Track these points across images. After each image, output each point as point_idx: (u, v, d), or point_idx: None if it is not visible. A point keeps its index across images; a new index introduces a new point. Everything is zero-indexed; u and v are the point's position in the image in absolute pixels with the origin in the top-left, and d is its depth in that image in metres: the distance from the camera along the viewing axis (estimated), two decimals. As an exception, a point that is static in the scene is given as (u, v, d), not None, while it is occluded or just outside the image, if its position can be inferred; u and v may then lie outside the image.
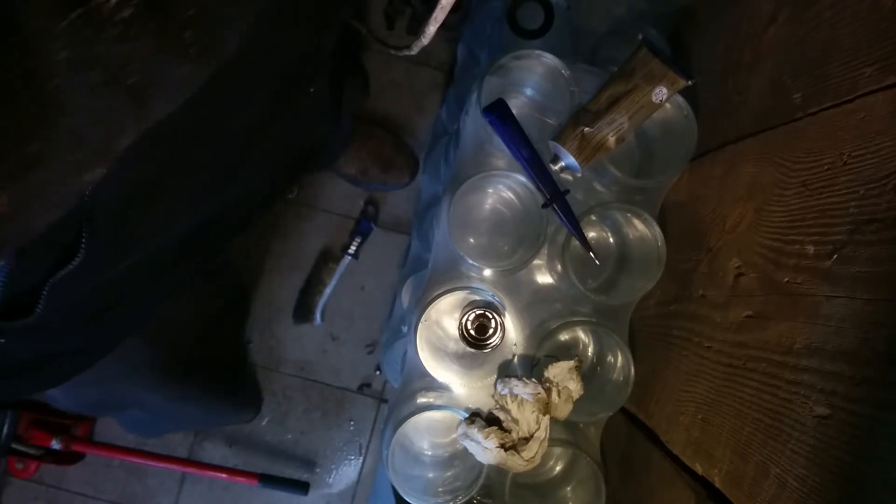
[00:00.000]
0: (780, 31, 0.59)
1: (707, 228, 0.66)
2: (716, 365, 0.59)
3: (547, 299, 0.76)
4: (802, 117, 0.52)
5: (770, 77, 0.59)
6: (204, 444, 1.55)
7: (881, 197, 0.41)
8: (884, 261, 0.40)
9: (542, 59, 0.69)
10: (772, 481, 0.47)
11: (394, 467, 0.72)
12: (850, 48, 0.47)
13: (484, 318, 0.71)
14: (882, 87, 0.43)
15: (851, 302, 0.42)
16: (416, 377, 0.75)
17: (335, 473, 1.56)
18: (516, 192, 0.75)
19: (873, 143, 0.43)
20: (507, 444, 0.68)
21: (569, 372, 0.70)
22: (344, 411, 1.56)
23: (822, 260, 0.46)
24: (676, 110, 0.70)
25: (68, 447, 1.38)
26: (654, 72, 0.64)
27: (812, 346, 0.46)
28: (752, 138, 0.61)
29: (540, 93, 0.77)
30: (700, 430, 0.60)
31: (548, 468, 0.81)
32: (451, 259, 0.74)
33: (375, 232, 1.51)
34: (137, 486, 1.56)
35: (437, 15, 0.42)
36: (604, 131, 0.66)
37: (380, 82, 1.50)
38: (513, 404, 0.69)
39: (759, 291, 0.54)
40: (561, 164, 0.70)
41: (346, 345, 1.55)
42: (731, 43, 0.69)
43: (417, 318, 0.71)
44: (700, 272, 0.66)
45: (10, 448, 1.34)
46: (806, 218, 0.49)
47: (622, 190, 0.73)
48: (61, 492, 1.55)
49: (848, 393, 0.41)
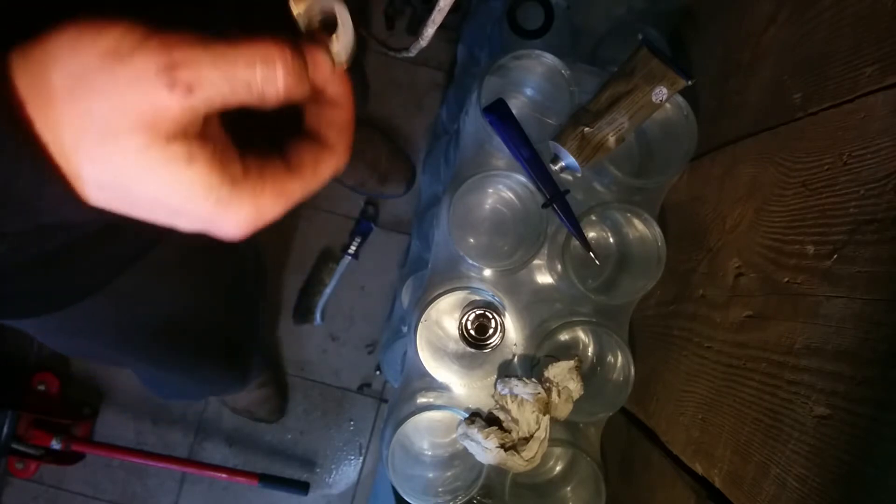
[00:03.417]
0: (780, 31, 0.59)
1: (707, 228, 0.66)
2: (716, 365, 0.59)
3: (547, 299, 0.76)
4: (802, 117, 0.52)
5: (770, 77, 0.59)
6: (204, 444, 1.55)
7: (881, 197, 0.41)
8: (884, 261, 0.40)
9: (542, 59, 0.69)
10: (772, 481, 0.47)
11: (394, 467, 0.72)
12: (850, 48, 0.47)
13: (484, 318, 0.71)
14: (882, 87, 0.43)
15: (851, 302, 0.42)
16: (416, 377, 0.75)
17: (335, 473, 1.56)
18: (516, 192, 0.75)
19: (873, 143, 0.43)
20: (507, 444, 0.68)
21: (569, 372, 0.70)
22: (344, 411, 1.56)
23: (822, 260, 0.46)
24: (676, 110, 0.70)
25: (68, 447, 1.38)
26: (654, 72, 0.64)
27: (812, 346, 0.46)
28: (752, 138, 0.61)
29: (540, 93, 0.77)
30: (700, 429, 0.60)
31: (548, 468, 0.81)
32: (451, 259, 0.74)
33: (375, 232, 1.51)
34: (137, 486, 1.56)
35: (434, 18, 0.41)
36: (604, 131, 0.66)
37: (380, 82, 1.50)
38: (513, 404, 0.69)
39: (759, 291, 0.54)
40: (561, 164, 0.70)
41: (346, 345, 1.55)
42: (731, 43, 0.69)
43: (417, 318, 0.71)
44: (700, 272, 0.66)
45: (10, 448, 1.34)
46: (806, 218, 0.49)
47: (622, 190, 0.73)
48: (61, 492, 1.55)
49: (848, 393, 0.41)
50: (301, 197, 0.32)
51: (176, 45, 0.26)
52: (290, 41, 0.29)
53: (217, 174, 0.28)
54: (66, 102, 0.26)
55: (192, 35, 0.27)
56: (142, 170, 0.27)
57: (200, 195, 0.28)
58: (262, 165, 0.30)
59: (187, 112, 0.27)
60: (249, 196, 0.29)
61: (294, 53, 0.29)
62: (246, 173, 0.30)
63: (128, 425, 1.56)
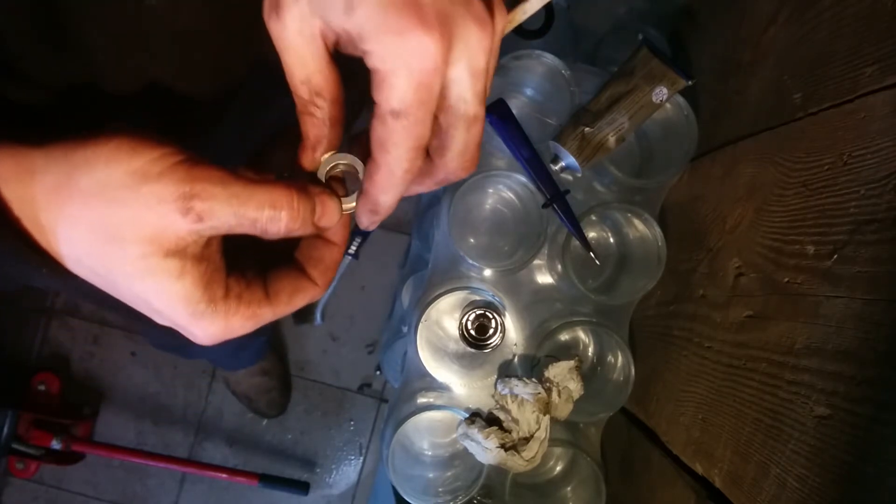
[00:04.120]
0: (780, 31, 0.58)
1: (707, 228, 0.66)
2: (716, 365, 0.59)
3: (547, 299, 0.76)
4: (802, 117, 0.52)
5: (770, 77, 0.59)
6: (204, 444, 1.56)
7: (881, 197, 0.41)
8: (884, 261, 0.40)
9: (542, 59, 0.69)
10: (772, 481, 0.47)
11: (394, 467, 0.72)
12: (850, 48, 0.47)
13: (484, 318, 0.71)
14: (882, 87, 0.43)
15: (851, 302, 0.42)
16: (416, 377, 0.75)
17: (335, 473, 1.56)
18: (516, 192, 0.75)
19: (873, 143, 0.43)
20: (507, 444, 0.68)
21: (569, 372, 0.70)
22: (344, 411, 1.56)
23: (822, 260, 0.46)
24: (676, 110, 0.70)
25: (68, 447, 1.38)
26: (654, 72, 0.64)
27: (812, 346, 0.46)
28: (752, 138, 0.61)
29: (540, 93, 0.77)
30: (700, 429, 0.60)
31: (548, 468, 0.81)
32: (452, 259, 0.74)
33: (375, 232, 1.51)
34: (137, 486, 1.56)
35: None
36: (604, 131, 0.66)
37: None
38: (513, 404, 0.69)
39: (759, 291, 0.54)
40: (561, 164, 0.70)
41: (346, 345, 1.55)
42: (731, 43, 0.69)
43: (417, 318, 0.71)
44: (700, 272, 0.66)
45: (10, 448, 1.34)
46: (806, 218, 0.49)
47: (622, 190, 0.73)
48: (61, 492, 1.55)
49: (848, 393, 0.41)
50: (271, 320, 0.35)
51: (198, 178, 0.29)
52: (301, 189, 0.32)
53: (200, 292, 0.31)
54: (85, 204, 0.29)
55: (213, 170, 0.30)
56: (134, 272, 0.30)
57: (179, 306, 0.31)
58: (243, 289, 0.34)
59: (192, 235, 0.30)
60: (223, 316, 0.32)
61: (302, 201, 0.32)
62: (226, 295, 0.33)
63: (128, 425, 1.57)
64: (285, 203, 0.31)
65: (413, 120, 0.30)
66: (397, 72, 0.29)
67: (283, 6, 0.29)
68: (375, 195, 0.34)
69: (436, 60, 0.29)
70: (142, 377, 1.57)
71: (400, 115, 0.30)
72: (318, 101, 0.32)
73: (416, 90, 0.29)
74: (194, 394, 1.57)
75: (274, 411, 1.53)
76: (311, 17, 0.29)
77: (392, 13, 0.28)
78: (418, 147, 0.31)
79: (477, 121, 0.33)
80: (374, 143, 0.32)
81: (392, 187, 0.33)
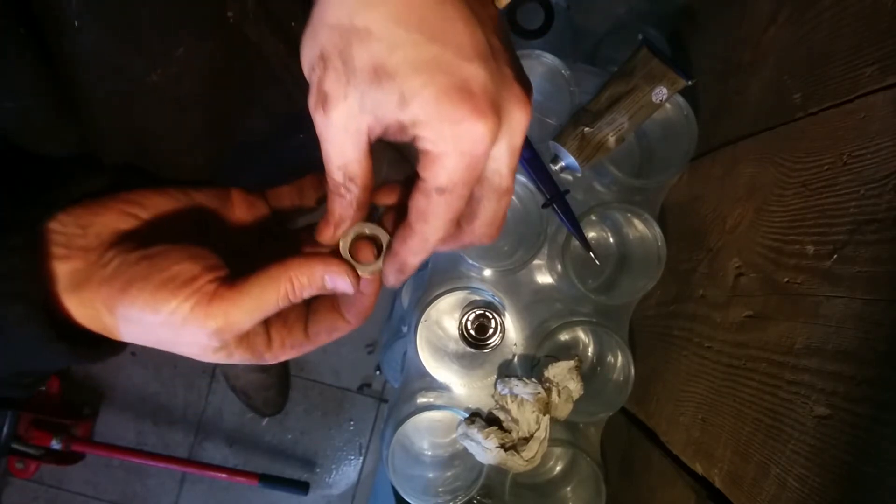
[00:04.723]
0: (780, 31, 0.58)
1: (707, 228, 0.66)
2: (716, 365, 0.59)
3: (547, 299, 0.76)
4: (802, 117, 0.52)
5: (770, 77, 0.59)
6: (204, 444, 1.56)
7: (881, 197, 0.41)
8: (884, 261, 0.40)
9: (542, 59, 0.69)
10: (772, 481, 0.47)
11: (394, 467, 0.72)
12: (850, 48, 0.47)
13: (484, 318, 0.71)
14: (882, 87, 0.43)
15: (851, 302, 0.42)
16: (416, 377, 0.75)
17: (335, 473, 1.56)
18: (516, 192, 0.75)
19: (873, 143, 0.43)
20: (507, 444, 0.68)
21: (569, 372, 0.70)
22: (344, 411, 1.56)
23: (822, 260, 0.46)
24: (676, 110, 0.70)
25: (68, 447, 1.38)
26: (654, 72, 0.64)
27: (812, 346, 0.46)
28: (752, 138, 0.61)
29: (540, 93, 0.77)
30: (700, 430, 0.60)
31: (548, 468, 0.81)
32: (451, 259, 0.74)
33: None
34: (137, 486, 1.56)
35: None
36: (604, 131, 0.66)
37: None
38: (513, 404, 0.69)
39: (759, 291, 0.54)
40: (561, 164, 0.70)
41: (346, 345, 1.55)
42: (731, 43, 0.69)
43: (417, 318, 0.71)
44: (700, 272, 0.66)
45: (10, 448, 1.34)
46: (806, 218, 0.49)
47: (622, 190, 0.73)
48: (61, 492, 1.55)
49: (848, 393, 0.41)
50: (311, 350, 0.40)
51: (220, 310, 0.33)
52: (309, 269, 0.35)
53: (249, 355, 0.36)
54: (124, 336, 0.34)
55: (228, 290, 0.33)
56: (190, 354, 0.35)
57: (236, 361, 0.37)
58: (286, 336, 0.38)
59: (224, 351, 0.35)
60: (272, 358, 0.38)
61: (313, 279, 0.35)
62: (269, 345, 0.37)
63: (128, 425, 1.57)
64: (297, 290, 0.35)
65: (456, 196, 0.32)
66: (449, 154, 0.30)
67: (330, 103, 0.30)
68: (405, 257, 0.35)
69: (486, 145, 0.30)
70: (142, 377, 1.57)
71: (445, 191, 0.31)
72: (350, 186, 0.34)
73: (465, 171, 0.31)
74: (194, 394, 1.57)
75: (270, 410, 1.53)
76: (360, 114, 0.30)
77: (446, 103, 0.29)
78: (455, 219, 0.33)
79: (508, 193, 0.35)
80: (413, 213, 0.33)
81: (423, 252, 0.35)
